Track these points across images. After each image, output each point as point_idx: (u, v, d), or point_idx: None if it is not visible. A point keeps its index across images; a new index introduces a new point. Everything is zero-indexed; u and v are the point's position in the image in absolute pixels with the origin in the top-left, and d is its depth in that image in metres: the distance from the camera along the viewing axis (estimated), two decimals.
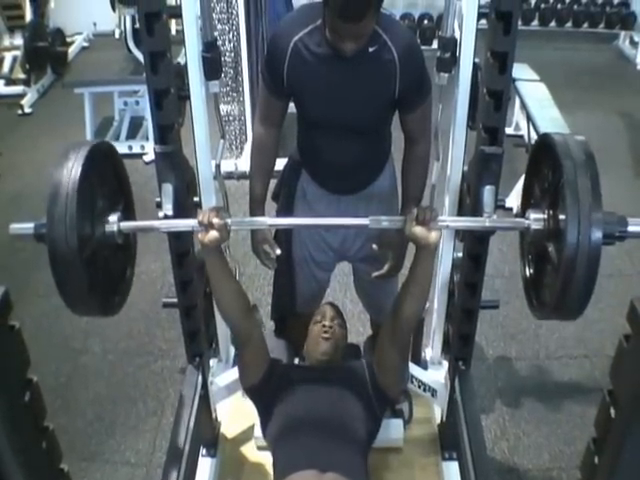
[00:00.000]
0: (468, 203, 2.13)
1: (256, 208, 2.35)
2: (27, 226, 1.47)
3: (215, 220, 1.74)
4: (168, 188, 2.03)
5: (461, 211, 2.30)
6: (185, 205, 2.10)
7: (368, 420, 2.09)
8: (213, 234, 1.75)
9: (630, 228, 1.38)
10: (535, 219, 1.60)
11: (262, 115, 2.28)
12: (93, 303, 1.56)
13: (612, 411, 1.05)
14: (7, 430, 1.01)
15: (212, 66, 2.20)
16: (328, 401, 2.11)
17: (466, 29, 2.04)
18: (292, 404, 2.10)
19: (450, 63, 2.17)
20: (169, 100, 1.97)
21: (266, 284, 2.44)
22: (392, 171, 2.41)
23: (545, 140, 1.58)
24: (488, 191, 2.00)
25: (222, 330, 2.71)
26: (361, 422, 2.07)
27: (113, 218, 1.67)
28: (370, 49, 1.98)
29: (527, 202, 1.76)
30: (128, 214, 1.78)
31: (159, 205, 2.07)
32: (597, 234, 1.34)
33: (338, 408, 2.09)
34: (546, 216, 1.57)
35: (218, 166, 2.43)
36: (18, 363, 1.03)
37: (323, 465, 1.89)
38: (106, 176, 1.66)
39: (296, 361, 2.66)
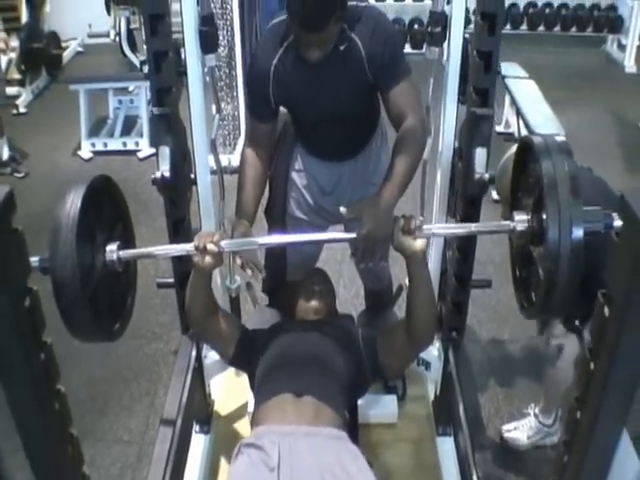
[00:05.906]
0: (460, 167, 2.17)
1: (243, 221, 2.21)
2: (32, 259, 1.47)
3: (210, 246, 1.81)
4: (165, 150, 2.06)
5: (453, 181, 2.34)
6: (181, 170, 2.12)
7: (352, 368, 2.08)
8: (208, 259, 1.84)
9: (616, 223, 1.29)
10: (519, 220, 1.60)
11: (250, 137, 2.37)
12: (96, 331, 1.62)
13: (606, 310, 1.05)
14: (8, 340, 1.02)
15: (209, 39, 2.23)
16: (310, 341, 2.13)
17: (456, 4, 2.09)
18: (275, 349, 2.12)
19: (441, 38, 2.21)
20: (167, 63, 2.02)
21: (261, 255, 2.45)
22: (383, 131, 2.51)
23: (525, 142, 1.60)
24: (479, 153, 2.04)
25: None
26: (343, 364, 2.06)
27: (112, 247, 1.68)
28: (341, 47, 2.05)
29: (514, 205, 1.77)
30: (128, 240, 1.82)
31: (155, 182, 2.08)
32: (578, 232, 1.33)
33: (320, 347, 2.10)
34: (530, 217, 1.58)
35: (213, 141, 2.46)
36: (19, 268, 1.04)
37: (300, 389, 1.92)
38: (103, 209, 1.69)
39: None
